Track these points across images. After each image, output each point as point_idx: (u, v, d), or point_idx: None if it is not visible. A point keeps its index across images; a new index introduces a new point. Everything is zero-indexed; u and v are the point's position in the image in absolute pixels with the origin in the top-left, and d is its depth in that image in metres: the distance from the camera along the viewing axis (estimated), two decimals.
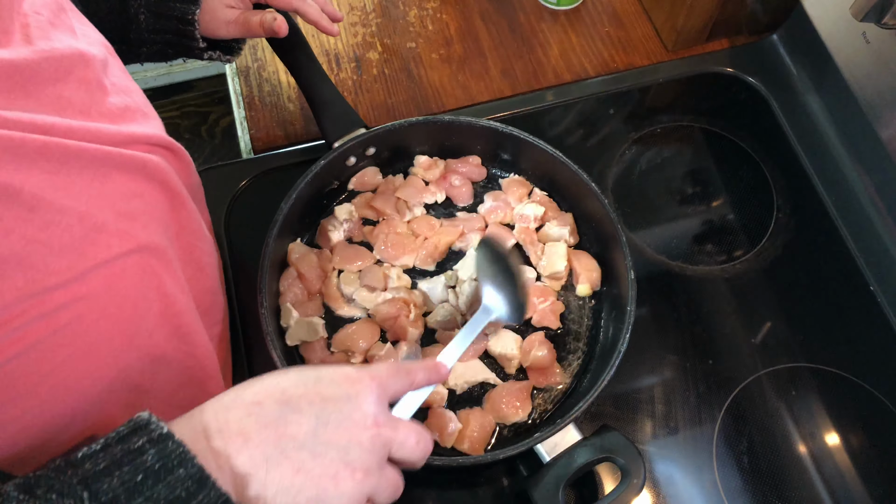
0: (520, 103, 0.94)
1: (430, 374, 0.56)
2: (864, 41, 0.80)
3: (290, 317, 0.75)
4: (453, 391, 0.74)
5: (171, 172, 0.59)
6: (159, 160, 0.57)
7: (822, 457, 0.75)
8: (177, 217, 0.60)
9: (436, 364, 0.58)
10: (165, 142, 0.60)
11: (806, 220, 0.88)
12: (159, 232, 0.56)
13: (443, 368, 0.58)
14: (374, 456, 0.48)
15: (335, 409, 0.47)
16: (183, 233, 0.61)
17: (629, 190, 0.89)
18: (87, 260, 0.47)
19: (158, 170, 0.56)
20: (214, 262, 0.70)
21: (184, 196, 0.61)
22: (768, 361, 0.79)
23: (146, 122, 0.59)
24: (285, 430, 0.45)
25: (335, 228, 0.81)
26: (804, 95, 0.94)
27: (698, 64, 0.98)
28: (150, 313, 0.54)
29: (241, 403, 0.46)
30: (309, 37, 0.99)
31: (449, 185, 0.85)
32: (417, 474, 0.71)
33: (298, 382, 0.48)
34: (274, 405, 0.46)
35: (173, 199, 0.59)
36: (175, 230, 0.60)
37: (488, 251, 0.72)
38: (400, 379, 0.53)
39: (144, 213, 0.54)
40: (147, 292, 0.53)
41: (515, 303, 0.70)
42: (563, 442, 0.66)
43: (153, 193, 0.56)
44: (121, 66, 0.62)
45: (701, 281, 0.84)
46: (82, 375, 0.49)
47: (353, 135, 0.80)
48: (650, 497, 0.72)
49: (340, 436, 0.47)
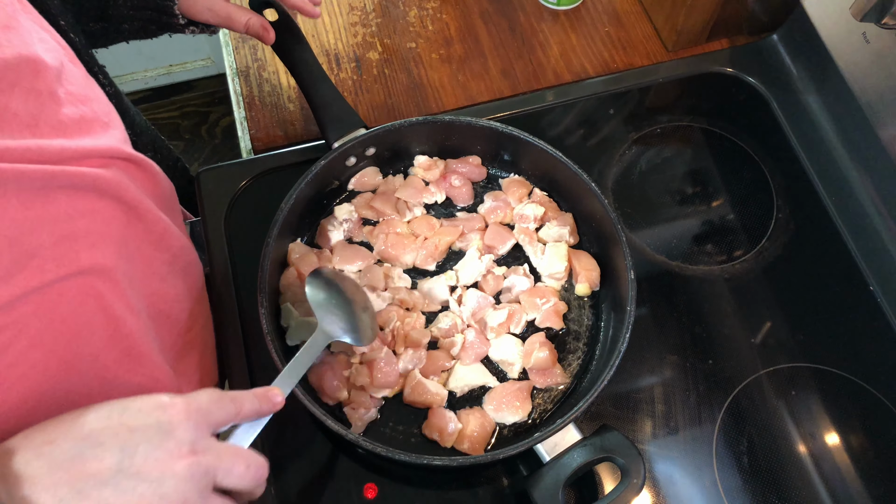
0: (520, 103, 0.94)
1: (260, 402, 0.54)
2: (864, 41, 0.80)
3: (290, 317, 0.75)
4: (453, 393, 0.74)
5: (128, 186, 0.57)
6: (115, 174, 0.55)
7: (822, 457, 0.75)
8: (135, 231, 0.58)
9: (266, 392, 0.55)
10: (124, 154, 0.58)
11: (806, 220, 0.88)
12: (109, 251, 0.54)
13: (275, 397, 0.55)
14: (192, 485, 0.45)
15: (144, 439, 0.44)
16: (144, 246, 0.60)
17: (629, 190, 0.89)
18: (14, 287, 0.46)
19: (112, 184, 0.55)
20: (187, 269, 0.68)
21: (144, 209, 0.59)
22: (768, 361, 0.79)
23: (105, 133, 0.57)
24: (83, 467, 0.42)
25: (335, 228, 0.81)
26: (804, 95, 0.94)
27: (698, 64, 0.98)
28: (95, 337, 0.53)
29: (30, 445, 0.43)
30: (309, 37, 1.00)
31: (449, 185, 0.85)
32: (417, 474, 0.72)
33: (101, 415, 0.45)
34: (68, 442, 0.43)
35: (130, 213, 0.57)
36: (135, 244, 0.58)
37: (318, 280, 0.69)
38: (223, 407, 0.50)
39: (91, 232, 0.52)
40: (90, 316, 0.52)
41: (355, 326, 0.68)
42: (563, 442, 0.66)
43: (104, 210, 0.54)
44: (82, 73, 0.60)
45: (701, 281, 0.84)
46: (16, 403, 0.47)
47: (353, 135, 0.80)
48: (650, 497, 0.72)
49: (151, 467, 0.43)
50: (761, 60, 0.98)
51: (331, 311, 0.67)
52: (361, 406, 0.71)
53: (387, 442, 0.71)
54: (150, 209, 0.61)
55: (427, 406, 0.73)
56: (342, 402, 0.72)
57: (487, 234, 0.82)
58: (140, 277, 0.59)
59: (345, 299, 0.70)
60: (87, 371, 0.53)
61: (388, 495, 0.70)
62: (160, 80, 2.10)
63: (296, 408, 0.68)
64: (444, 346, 0.76)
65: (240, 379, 0.75)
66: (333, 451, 0.72)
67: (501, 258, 0.82)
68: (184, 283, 0.68)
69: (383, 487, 0.70)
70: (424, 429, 0.72)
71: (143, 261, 0.60)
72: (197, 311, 0.72)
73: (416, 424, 0.73)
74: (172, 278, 0.66)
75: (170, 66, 2.07)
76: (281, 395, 0.56)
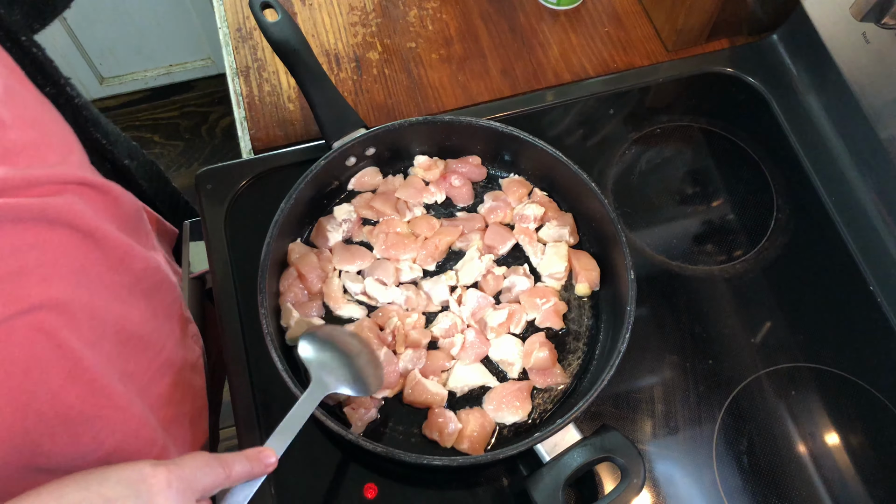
0: (520, 103, 0.94)
1: (251, 464, 0.52)
2: (864, 41, 0.80)
3: (290, 317, 0.75)
4: (453, 393, 0.74)
5: (82, 212, 0.55)
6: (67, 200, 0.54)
7: (821, 457, 0.75)
8: (93, 258, 0.57)
9: (258, 453, 0.53)
10: (79, 179, 0.56)
11: (806, 220, 0.88)
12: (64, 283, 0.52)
13: (267, 458, 0.53)
14: None
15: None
16: (104, 272, 0.58)
17: (629, 190, 0.89)
18: None
19: (63, 212, 0.53)
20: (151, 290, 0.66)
21: (101, 234, 0.58)
22: (768, 361, 0.79)
23: (59, 158, 0.56)
24: None
25: (334, 229, 0.81)
26: (804, 95, 0.94)
27: (698, 64, 0.98)
28: (52, 375, 0.51)
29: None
30: (309, 37, 1.00)
31: (449, 185, 0.85)
32: (417, 474, 0.72)
33: (80, 486, 0.44)
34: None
35: (85, 240, 0.56)
36: (93, 271, 0.57)
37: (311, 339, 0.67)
38: (211, 472, 0.49)
39: (42, 265, 0.51)
40: (43, 354, 0.51)
41: (356, 376, 0.67)
42: (563, 442, 0.66)
43: (55, 240, 0.53)
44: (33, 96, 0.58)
45: (701, 281, 0.84)
46: None
47: (353, 135, 0.80)
48: (650, 497, 0.72)
49: None
50: (761, 60, 0.98)
51: (325, 364, 0.65)
52: (361, 406, 0.71)
53: (387, 442, 0.71)
54: (109, 233, 0.59)
55: (427, 406, 0.73)
56: (342, 402, 0.72)
57: (487, 234, 0.82)
58: (101, 304, 0.58)
59: (341, 352, 0.68)
60: (46, 411, 0.51)
61: (388, 495, 0.70)
62: (160, 80, 2.10)
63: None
64: (444, 346, 0.76)
65: (240, 378, 0.75)
66: (333, 451, 0.72)
67: (501, 258, 0.82)
68: (148, 304, 0.66)
69: (383, 487, 0.70)
70: (424, 429, 0.72)
71: (104, 286, 0.58)
72: (167, 331, 0.70)
73: (416, 424, 0.73)
74: (135, 300, 0.64)
75: (170, 66, 2.07)
76: (274, 457, 0.55)
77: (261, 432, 0.72)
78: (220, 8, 1.03)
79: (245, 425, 0.73)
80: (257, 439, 0.72)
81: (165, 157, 2.08)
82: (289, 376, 0.67)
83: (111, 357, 0.59)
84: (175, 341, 0.72)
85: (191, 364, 0.76)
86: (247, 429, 0.72)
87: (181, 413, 0.72)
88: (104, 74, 2.01)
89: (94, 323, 0.56)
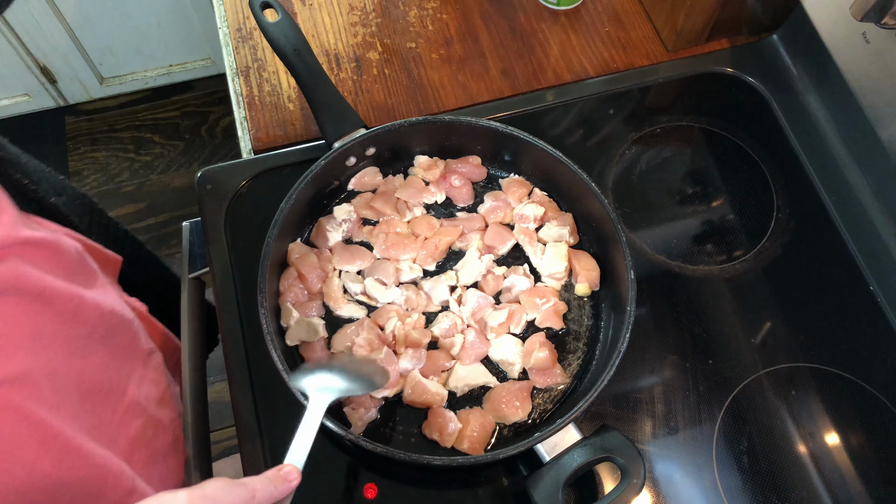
0: (520, 103, 0.94)
1: (274, 484, 0.51)
2: (864, 41, 0.80)
3: (290, 317, 0.75)
4: (453, 393, 0.74)
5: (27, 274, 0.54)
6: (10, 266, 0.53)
7: (822, 457, 0.75)
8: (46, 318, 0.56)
9: (279, 473, 0.52)
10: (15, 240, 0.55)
11: (806, 220, 0.88)
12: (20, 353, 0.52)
13: (289, 475, 0.52)
14: None
15: None
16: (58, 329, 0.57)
17: (629, 190, 0.89)
18: None
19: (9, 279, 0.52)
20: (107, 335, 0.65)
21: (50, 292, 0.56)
22: (768, 361, 0.79)
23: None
24: None
25: (334, 229, 0.81)
26: (804, 95, 0.94)
27: (698, 64, 0.98)
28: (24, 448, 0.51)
29: None
30: (309, 37, 1.00)
31: (449, 185, 0.85)
32: (417, 474, 0.72)
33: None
34: None
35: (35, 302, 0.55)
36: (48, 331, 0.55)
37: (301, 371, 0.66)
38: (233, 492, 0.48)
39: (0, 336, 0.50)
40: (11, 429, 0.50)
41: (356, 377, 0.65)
42: (563, 442, 0.66)
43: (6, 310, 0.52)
44: None
45: (701, 281, 0.84)
46: None
47: (353, 135, 0.80)
48: (650, 497, 0.72)
49: None
50: (761, 60, 0.98)
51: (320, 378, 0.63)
52: (361, 406, 0.71)
53: (387, 442, 0.71)
54: (58, 290, 0.58)
55: (427, 406, 0.73)
56: (342, 403, 0.72)
57: (487, 234, 0.82)
58: (60, 363, 0.57)
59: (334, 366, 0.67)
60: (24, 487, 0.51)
61: (388, 495, 0.70)
62: (160, 80, 2.10)
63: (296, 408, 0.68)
64: (444, 345, 0.76)
65: (240, 378, 0.75)
66: (333, 451, 0.72)
67: (501, 258, 0.82)
68: (106, 350, 0.66)
69: (383, 487, 0.70)
70: (424, 429, 0.72)
71: (59, 344, 0.58)
72: (126, 372, 0.69)
73: (416, 424, 0.73)
74: (91, 350, 0.63)
75: (170, 66, 2.07)
76: (296, 472, 0.53)
77: (261, 432, 0.72)
78: (220, 8, 1.03)
79: (245, 425, 0.73)
80: (257, 439, 0.72)
81: (165, 157, 2.08)
82: (289, 376, 0.67)
83: (76, 415, 0.58)
84: (136, 382, 0.70)
85: (155, 399, 0.74)
86: (247, 429, 0.72)
87: (154, 451, 0.71)
88: (104, 74, 2.01)
89: (56, 385, 0.55)
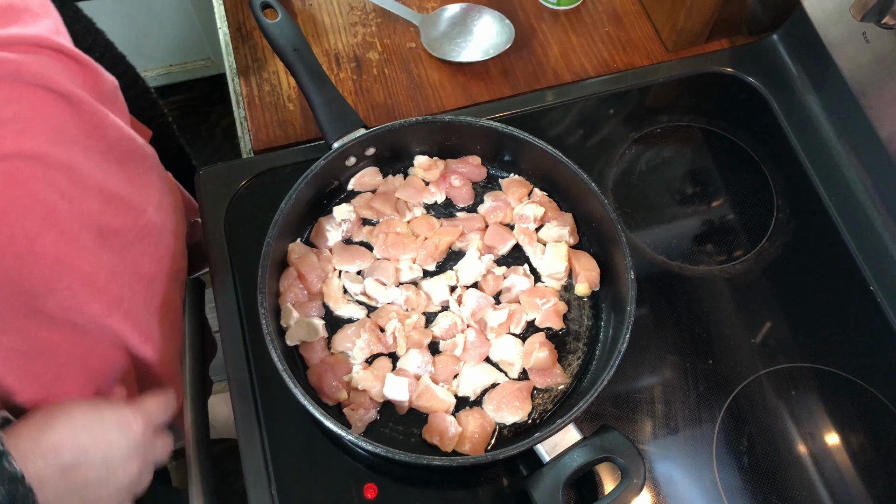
0: (520, 103, 0.94)
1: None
2: (864, 41, 0.80)
3: (290, 317, 0.75)
4: (466, 398, 0.74)
5: (57, 76, 0.58)
6: (40, 62, 0.56)
7: (822, 457, 0.75)
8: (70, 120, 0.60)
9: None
10: (54, 44, 0.59)
11: (806, 220, 0.88)
12: (41, 138, 0.56)
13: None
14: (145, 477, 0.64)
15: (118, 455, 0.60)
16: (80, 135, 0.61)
17: (629, 190, 0.89)
18: None
19: (37, 73, 0.56)
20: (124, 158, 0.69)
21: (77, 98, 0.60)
22: (768, 361, 0.79)
23: (35, 22, 0.58)
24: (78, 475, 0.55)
25: (334, 229, 0.81)
26: (804, 95, 0.94)
27: (698, 64, 0.98)
28: (28, 221, 0.56)
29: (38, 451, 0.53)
30: (309, 37, 1.00)
31: (449, 186, 0.85)
32: (417, 475, 0.72)
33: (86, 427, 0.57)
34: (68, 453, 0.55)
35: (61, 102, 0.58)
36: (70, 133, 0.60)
37: None
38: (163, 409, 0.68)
39: (19, 118, 0.54)
40: (19, 200, 0.55)
41: None
42: (563, 442, 0.66)
43: (33, 98, 0.56)
44: None
45: (701, 281, 0.84)
46: None
47: (353, 135, 0.80)
48: (650, 497, 0.72)
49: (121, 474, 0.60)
50: (761, 60, 0.98)
51: None
52: (361, 407, 0.71)
53: (387, 442, 0.71)
54: (84, 99, 0.62)
55: (429, 412, 0.72)
56: (342, 403, 0.72)
57: (487, 234, 0.82)
58: (79, 163, 0.61)
59: None
60: (24, 254, 0.56)
61: (388, 495, 0.70)
62: (160, 80, 2.10)
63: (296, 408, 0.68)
64: (448, 348, 0.76)
65: (240, 378, 0.74)
66: (333, 451, 0.72)
67: (501, 258, 0.82)
68: (123, 171, 0.69)
69: (383, 487, 0.70)
70: (424, 433, 0.72)
71: (80, 149, 0.62)
72: (146, 196, 0.73)
73: (416, 425, 0.73)
74: (110, 165, 0.67)
75: (169, 66, 2.07)
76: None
77: (261, 432, 0.72)
78: (220, 8, 1.03)
79: (245, 425, 0.73)
80: (257, 439, 0.72)
81: None
82: (289, 376, 0.67)
83: (92, 212, 0.63)
84: (154, 206, 0.75)
85: (170, 229, 0.79)
86: (247, 429, 0.72)
87: (160, 271, 0.77)
88: None
89: (73, 178, 0.60)
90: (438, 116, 0.82)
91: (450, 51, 0.97)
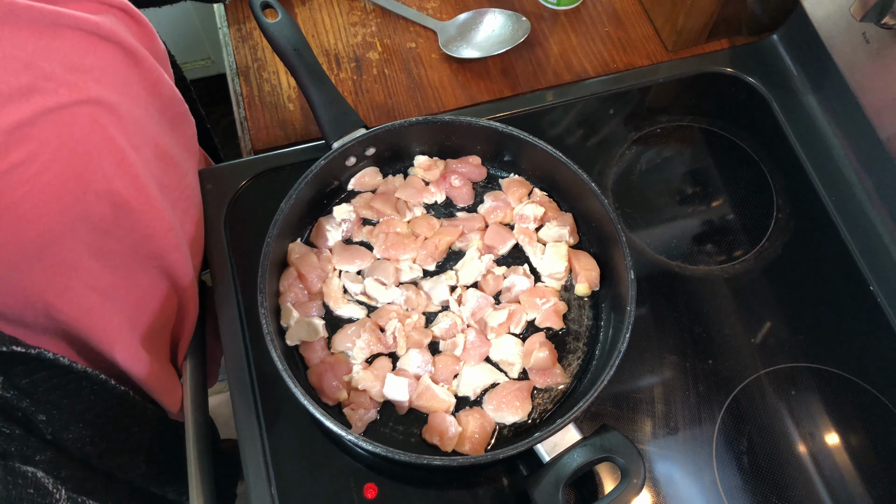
0: (520, 103, 0.94)
1: None
2: (864, 41, 0.80)
3: (290, 317, 0.75)
4: (466, 398, 0.74)
5: (124, 33, 0.61)
6: (110, 20, 0.59)
7: (822, 457, 0.75)
8: (134, 75, 0.63)
9: None
10: (119, 4, 0.62)
11: (806, 220, 0.88)
12: (114, 88, 0.59)
13: None
14: None
15: None
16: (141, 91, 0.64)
17: (629, 190, 0.89)
18: (34, 105, 0.51)
19: (112, 31, 0.59)
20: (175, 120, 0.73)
21: (140, 55, 0.63)
22: (768, 361, 0.79)
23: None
24: None
25: (334, 229, 0.81)
26: (804, 95, 0.94)
27: (698, 64, 0.98)
28: (106, 162, 0.58)
29: None
30: (309, 37, 1.00)
31: (449, 186, 0.85)
32: (417, 474, 0.72)
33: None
34: None
35: (128, 57, 0.61)
36: (134, 88, 0.63)
37: None
38: None
39: (96, 68, 0.57)
40: (99, 142, 0.57)
41: None
42: (563, 442, 0.66)
43: (106, 51, 0.59)
44: None
45: (701, 281, 0.84)
46: (41, 212, 0.53)
47: (353, 135, 0.80)
48: (650, 497, 0.72)
49: None
50: (761, 60, 0.98)
51: None
52: (361, 406, 0.71)
53: (387, 442, 0.71)
54: (146, 57, 0.65)
55: (430, 412, 0.73)
56: (342, 403, 0.72)
57: (487, 234, 0.82)
58: (142, 117, 0.64)
59: None
60: (101, 191, 0.58)
61: (388, 495, 0.70)
62: None
63: (296, 408, 0.68)
64: (447, 347, 0.76)
65: (240, 378, 0.75)
66: (333, 451, 0.72)
67: (501, 258, 0.82)
68: (172, 132, 0.72)
69: (383, 487, 0.70)
70: (424, 433, 0.72)
71: (142, 105, 0.65)
72: (189, 159, 0.77)
73: (416, 425, 0.73)
74: (164, 126, 0.70)
75: None
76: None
77: (261, 432, 0.72)
78: (220, 8, 1.03)
79: (245, 425, 0.73)
80: (257, 439, 0.72)
81: None
82: (289, 376, 0.67)
83: (150, 164, 0.65)
84: (193, 172, 0.79)
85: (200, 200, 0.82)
86: (246, 429, 0.72)
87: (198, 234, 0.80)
88: None
89: (137, 130, 0.63)
90: (438, 116, 0.82)
91: (466, 49, 0.98)
